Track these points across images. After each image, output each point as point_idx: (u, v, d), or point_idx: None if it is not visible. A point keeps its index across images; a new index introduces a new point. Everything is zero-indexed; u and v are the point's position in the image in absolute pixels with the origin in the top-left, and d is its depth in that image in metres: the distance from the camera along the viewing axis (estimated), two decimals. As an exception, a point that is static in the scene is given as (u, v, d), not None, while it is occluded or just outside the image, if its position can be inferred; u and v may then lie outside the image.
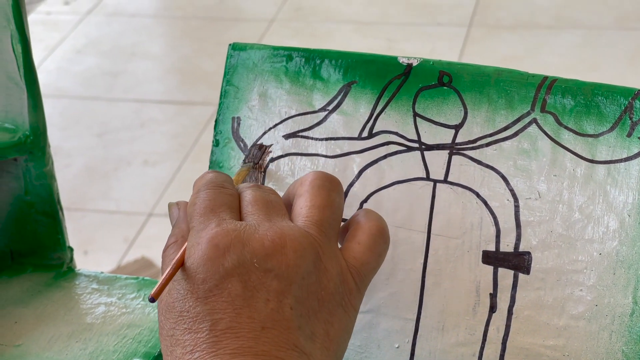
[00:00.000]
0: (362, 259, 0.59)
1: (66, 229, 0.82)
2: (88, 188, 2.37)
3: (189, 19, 3.09)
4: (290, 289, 0.55)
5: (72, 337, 0.74)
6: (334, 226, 0.59)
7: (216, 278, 0.54)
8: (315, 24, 2.98)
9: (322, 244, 0.57)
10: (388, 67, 0.68)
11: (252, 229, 0.56)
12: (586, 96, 0.63)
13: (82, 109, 2.67)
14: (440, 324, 0.65)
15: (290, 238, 0.56)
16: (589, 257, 0.62)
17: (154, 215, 2.28)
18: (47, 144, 0.79)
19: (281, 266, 0.55)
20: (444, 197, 0.66)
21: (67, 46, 2.97)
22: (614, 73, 2.61)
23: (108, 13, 3.14)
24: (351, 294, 0.58)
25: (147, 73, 2.82)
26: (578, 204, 0.63)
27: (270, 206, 0.59)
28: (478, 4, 2.98)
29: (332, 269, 0.57)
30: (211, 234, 0.56)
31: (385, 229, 0.60)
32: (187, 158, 2.45)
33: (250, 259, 0.55)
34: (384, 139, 0.67)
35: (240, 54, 0.71)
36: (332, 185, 0.60)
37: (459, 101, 0.66)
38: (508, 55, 2.71)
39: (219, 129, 0.71)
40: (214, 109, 2.62)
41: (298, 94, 0.70)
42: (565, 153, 0.63)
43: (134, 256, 2.15)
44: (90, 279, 0.80)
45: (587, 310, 0.62)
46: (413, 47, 2.80)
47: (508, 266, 0.64)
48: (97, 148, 2.52)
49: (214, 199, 0.59)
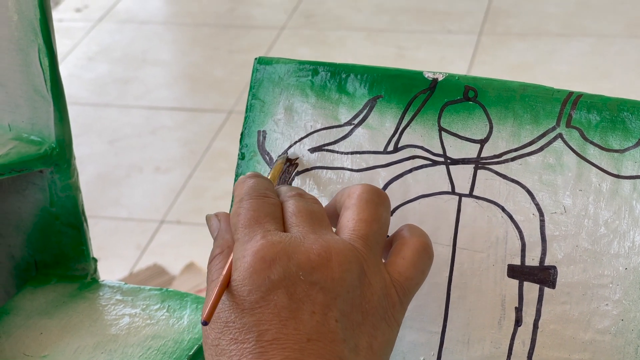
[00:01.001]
0: (406, 274, 0.59)
1: (90, 240, 0.83)
2: (100, 195, 2.38)
3: (200, 26, 3.10)
4: (335, 302, 0.55)
5: (97, 348, 0.75)
6: (379, 241, 0.59)
7: (262, 290, 0.55)
8: (326, 31, 2.99)
9: (367, 258, 0.58)
10: (413, 81, 0.68)
11: (297, 242, 0.57)
12: (612, 111, 0.64)
13: (93, 116, 2.68)
14: (465, 337, 0.65)
15: (335, 251, 0.57)
16: (614, 272, 0.63)
17: (166, 222, 2.28)
18: (72, 156, 0.80)
19: (327, 279, 0.56)
20: (469, 211, 0.66)
21: (78, 53, 2.98)
22: (625, 81, 2.61)
23: (119, 20, 3.15)
24: (394, 308, 0.58)
25: (158, 80, 2.83)
26: (604, 218, 0.63)
27: (314, 217, 0.59)
28: (488, 11, 2.99)
29: (376, 283, 0.58)
30: (257, 246, 0.56)
31: (430, 245, 0.61)
32: (198, 165, 2.46)
33: (296, 272, 0.55)
34: (409, 153, 0.68)
35: (266, 68, 0.72)
36: (380, 200, 0.61)
37: (484, 116, 0.67)
38: (518, 63, 2.72)
39: (245, 143, 0.72)
40: (225, 116, 2.63)
41: (324, 107, 0.70)
42: (591, 168, 0.64)
43: (146, 263, 2.16)
44: (114, 290, 0.81)
45: (613, 325, 0.62)
46: (423, 54, 2.81)
47: (533, 280, 0.64)
48: (108, 155, 2.53)
49: (258, 209, 0.59)
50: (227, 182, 2.38)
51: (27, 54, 0.76)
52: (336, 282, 0.56)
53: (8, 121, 0.79)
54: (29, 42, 0.76)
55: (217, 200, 2.33)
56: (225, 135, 2.56)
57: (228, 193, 2.34)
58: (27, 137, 0.79)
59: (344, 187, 0.63)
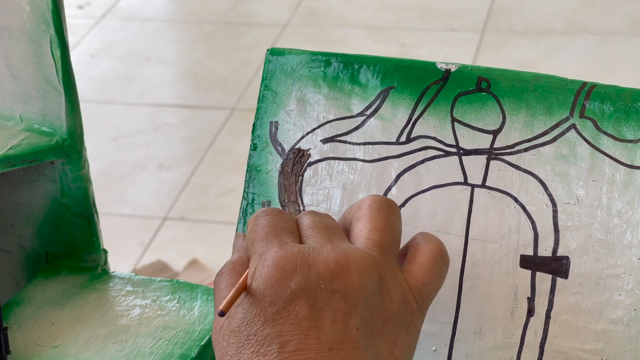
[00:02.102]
0: (423, 280, 0.59)
1: (101, 231, 0.83)
2: (103, 192, 2.38)
3: (203, 23, 3.10)
4: (356, 309, 0.55)
5: (108, 338, 0.75)
6: (394, 248, 0.60)
7: (283, 300, 0.55)
8: (329, 29, 2.99)
9: (384, 266, 0.58)
10: (426, 72, 0.68)
11: (316, 251, 0.57)
12: (625, 102, 0.64)
13: (96, 113, 2.68)
14: (477, 328, 0.65)
15: (354, 259, 0.57)
16: (627, 262, 0.63)
17: (169, 219, 2.28)
18: (83, 147, 0.80)
19: (347, 287, 0.56)
20: (481, 201, 0.66)
21: (81, 50, 2.98)
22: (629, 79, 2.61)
23: (122, 17, 3.15)
24: (413, 314, 0.58)
25: (161, 77, 2.83)
26: (617, 209, 0.63)
27: (330, 229, 0.60)
28: (491, 9, 2.99)
29: (395, 290, 0.58)
30: (276, 256, 0.56)
31: (445, 250, 0.61)
32: (201, 162, 2.46)
33: (317, 281, 0.55)
34: (421, 143, 0.68)
35: (279, 59, 0.72)
36: (391, 209, 0.61)
37: (497, 106, 0.67)
38: (522, 61, 2.72)
39: (257, 133, 0.72)
40: (228, 113, 2.63)
41: (336, 98, 0.70)
42: (604, 158, 0.64)
43: (149, 260, 2.16)
44: (124, 281, 0.81)
45: (625, 315, 0.62)
46: (426, 52, 2.81)
47: (546, 270, 0.64)
48: (112, 152, 2.53)
49: (274, 223, 0.60)
50: (231, 179, 2.38)
51: (39, 44, 0.76)
52: (356, 290, 0.56)
53: (20, 112, 0.79)
54: (40, 33, 0.76)
55: (220, 197, 2.34)
56: (228, 132, 2.56)
57: (231, 190, 2.35)
58: (39, 128, 0.79)
59: (350, 205, 0.63)
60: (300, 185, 0.70)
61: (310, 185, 0.70)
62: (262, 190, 0.71)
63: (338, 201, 0.69)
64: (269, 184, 0.71)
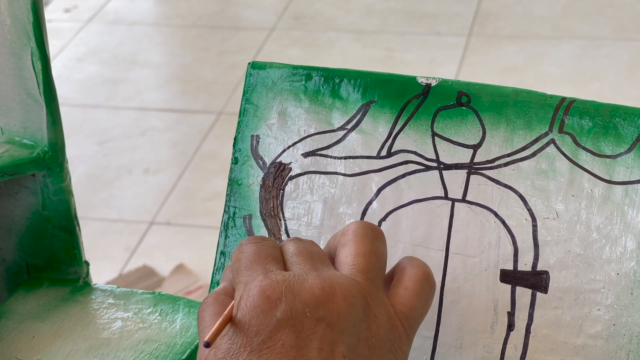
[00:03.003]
0: (409, 304, 0.59)
1: (82, 243, 0.83)
2: (89, 196, 2.37)
3: (189, 27, 3.09)
4: (342, 337, 0.55)
5: (89, 352, 0.75)
6: (379, 274, 0.60)
7: (269, 329, 0.55)
8: (315, 33, 2.99)
9: (370, 291, 0.58)
10: (407, 86, 0.69)
11: (301, 279, 0.57)
12: (604, 117, 0.64)
13: (82, 117, 2.68)
14: (458, 342, 0.66)
15: (339, 286, 0.56)
16: (606, 277, 0.63)
17: (156, 224, 2.28)
18: (65, 160, 0.80)
19: (332, 314, 0.55)
20: (462, 216, 0.66)
21: (67, 54, 2.97)
22: (613, 83, 2.62)
23: (109, 21, 3.15)
24: (400, 339, 0.58)
25: (147, 81, 2.83)
26: (596, 224, 0.64)
27: (315, 256, 0.60)
28: (477, 14, 2.99)
29: (381, 315, 0.58)
30: (262, 285, 0.56)
31: (431, 274, 0.61)
32: (188, 166, 2.46)
33: (302, 309, 0.55)
34: (402, 158, 0.68)
35: (260, 72, 0.72)
36: (375, 234, 0.61)
37: (477, 121, 0.67)
38: (508, 66, 2.73)
39: (238, 147, 0.72)
40: (215, 118, 2.63)
41: (317, 112, 0.70)
42: (583, 174, 0.64)
43: (135, 265, 2.16)
44: (106, 294, 0.81)
45: (604, 330, 0.63)
46: (413, 56, 2.81)
47: (526, 285, 0.65)
48: (97, 156, 2.52)
49: (258, 251, 0.59)
50: (217, 183, 2.38)
51: (19, 57, 0.76)
52: (342, 317, 0.56)
53: (1, 125, 0.79)
54: (21, 45, 0.76)
55: (207, 201, 2.33)
56: (214, 136, 2.56)
57: (218, 194, 2.34)
58: (20, 140, 0.79)
59: (334, 233, 0.63)
60: (282, 199, 0.70)
61: (291, 199, 0.70)
62: (243, 204, 0.71)
63: (319, 215, 0.69)
64: (250, 197, 0.71)
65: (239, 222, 0.71)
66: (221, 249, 0.72)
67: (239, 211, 0.71)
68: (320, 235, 0.69)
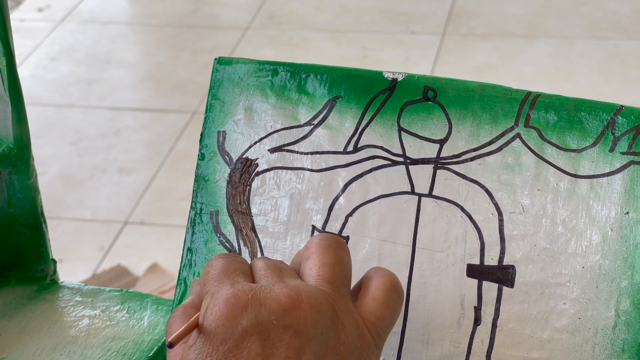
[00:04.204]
0: (377, 314, 0.59)
1: (49, 241, 0.82)
2: (63, 196, 2.36)
3: (164, 26, 3.08)
4: (309, 344, 0.55)
5: (56, 349, 0.74)
6: (345, 283, 0.60)
7: (235, 338, 0.54)
8: (290, 32, 2.99)
9: (337, 300, 0.58)
10: (373, 81, 0.68)
11: (267, 288, 0.57)
12: (569, 111, 0.64)
13: (56, 116, 2.66)
14: (425, 337, 0.66)
15: (306, 294, 0.56)
16: (572, 271, 0.63)
17: (130, 224, 2.27)
18: (31, 157, 0.79)
19: (299, 322, 0.55)
20: (428, 211, 0.66)
21: (41, 53, 2.95)
22: (587, 82, 2.63)
23: (82, 20, 3.13)
24: (369, 349, 0.58)
25: (122, 81, 2.82)
26: (561, 218, 0.64)
27: (283, 270, 0.60)
28: (451, 13, 3.00)
29: (349, 324, 0.58)
30: (227, 294, 0.56)
31: (398, 283, 0.61)
32: (162, 166, 2.45)
33: (269, 317, 0.55)
34: (369, 153, 0.68)
35: (226, 68, 0.72)
36: (338, 244, 0.61)
37: (443, 116, 0.67)
38: (482, 64, 2.73)
39: (205, 143, 0.72)
40: (189, 117, 2.62)
41: (283, 108, 0.70)
42: (549, 168, 0.64)
43: (109, 264, 2.15)
44: (73, 292, 0.80)
45: (570, 323, 0.63)
46: (387, 55, 2.81)
47: (492, 279, 0.65)
48: (72, 156, 2.51)
49: (227, 265, 0.59)
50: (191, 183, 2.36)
51: (-16, 54, 0.76)
52: (309, 324, 0.55)
53: (-35, 122, 0.78)
54: (-15, 42, 0.75)
55: (181, 201, 2.33)
56: (189, 135, 2.55)
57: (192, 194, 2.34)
58: (-15, 137, 0.78)
59: (298, 252, 0.63)
60: (248, 195, 0.70)
61: (258, 195, 0.70)
62: (210, 200, 0.71)
63: (286, 211, 0.69)
64: (217, 193, 0.71)
65: (205, 218, 0.71)
66: (188, 245, 0.71)
67: (206, 207, 0.71)
68: (287, 231, 0.69)
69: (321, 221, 0.68)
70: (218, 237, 0.70)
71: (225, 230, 0.70)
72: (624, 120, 0.63)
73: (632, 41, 2.80)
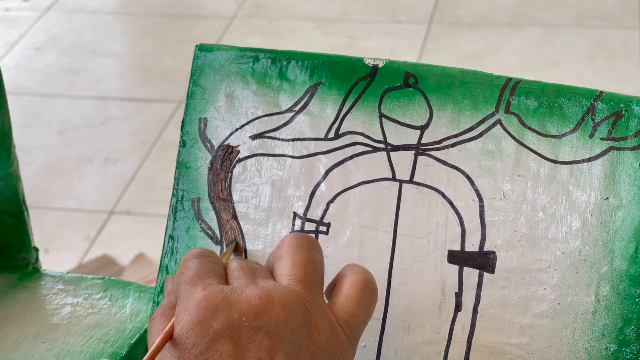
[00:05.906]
0: (350, 311, 0.59)
1: (32, 229, 0.82)
2: (49, 186, 2.35)
3: (150, 16, 3.07)
4: (281, 345, 0.55)
5: (38, 337, 0.74)
6: (317, 282, 0.60)
7: (206, 341, 0.54)
8: (276, 21, 2.98)
9: (309, 299, 0.58)
10: (354, 68, 0.68)
11: (238, 290, 0.57)
12: (549, 97, 0.64)
13: (42, 106, 2.66)
14: (406, 323, 0.66)
15: (277, 295, 0.57)
16: (552, 257, 0.63)
17: (116, 213, 2.27)
18: (12, 144, 0.79)
19: (270, 323, 0.55)
20: (409, 197, 0.66)
21: (26, 43, 2.94)
22: (573, 70, 2.64)
23: (68, 10, 3.12)
24: (343, 347, 0.58)
25: (107, 70, 2.81)
26: (542, 204, 0.64)
27: (256, 271, 0.60)
28: (438, 1, 3.00)
29: (322, 323, 0.58)
30: (198, 298, 0.56)
31: (372, 281, 0.61)
32: (148, 155, 2.44)
33: (239, 318, 0.55)
34: (350, 139, 0.68)
35: (207, 55, 0.71)
36: (310, 243, 0.61)
37: (424, 102, 0.67)
38: (468, 53, 2.73)
39: (186, 130, 0.72)
40: (175, 106, 2.62)
41: (265, 94, 0.70)
42: (529, 154, 0.64)
43: (95, 254, 2.15)
44: (55, 280, 0.80)
45: (550, 309, 0.63)
46: (374, 44, 2.81)
47: (473, 265, 0.65)
48: (57, 146, 2.50)
49: (200, 267, 0.59)
50: (178, 172, 2.36)
51: (-36, 41, 0.75)
52: (280, 325, 0.56)
53: (-54, 109, 0.78)
54: (-34, 28, 0.75)
55: (167, 190, 2.32)
56: (175, 125, 2.55)
57: (178, 183, 2.33)
58: (-34, 125, 0.78)
59: (272, 251, 0.63)
60: (230, 182, 0.70)
61: (240, 181, 0.70)
62: (191, 187, 0.71)
63: (267, 197, 0.69)
64: (199, 180, 0.71)
65: (187, 206, 0.71)
66: (170, 232, 0.71)
67: (187, 194, 0.71)
68: (268, 218, 0.69)
69: (302, 208, 0.68)
70: (200, 224, 0.70)
71: (206, 217, 0.70)
72: (603, 106, 0.63)
73: (618, 30, 2.81)
